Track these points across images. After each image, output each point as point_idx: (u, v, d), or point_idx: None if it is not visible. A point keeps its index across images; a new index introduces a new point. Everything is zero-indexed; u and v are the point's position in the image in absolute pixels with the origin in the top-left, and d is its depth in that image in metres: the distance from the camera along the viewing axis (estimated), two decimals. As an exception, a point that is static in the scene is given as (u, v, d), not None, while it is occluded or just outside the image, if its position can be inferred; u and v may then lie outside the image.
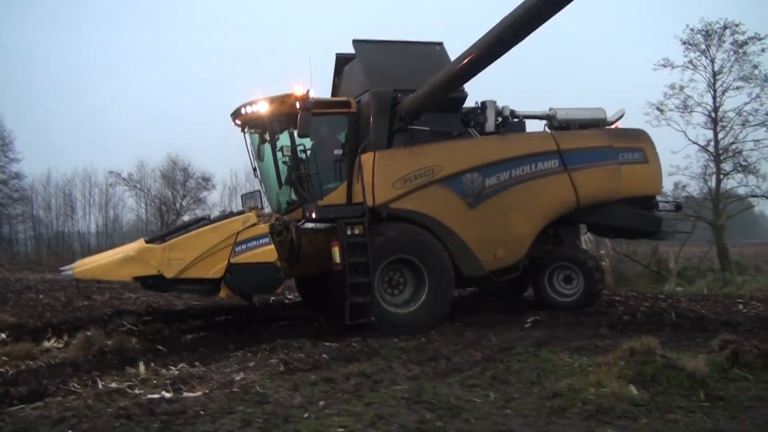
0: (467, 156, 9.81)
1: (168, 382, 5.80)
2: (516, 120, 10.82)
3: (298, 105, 8.83)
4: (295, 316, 10.74)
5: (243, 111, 9.68)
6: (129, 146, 72.68)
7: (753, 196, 20.26)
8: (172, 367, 6.58)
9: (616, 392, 4.93)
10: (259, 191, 10.42)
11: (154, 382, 5.87)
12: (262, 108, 9.37)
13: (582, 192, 10.37)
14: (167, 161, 36.65)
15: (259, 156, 10.35)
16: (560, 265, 10.51)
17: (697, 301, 11.88)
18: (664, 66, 20.60)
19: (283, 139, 9.80)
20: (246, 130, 10.30)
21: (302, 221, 9.62)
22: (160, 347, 7.71)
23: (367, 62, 10.10)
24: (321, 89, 10.89)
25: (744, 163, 19.65)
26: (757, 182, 20.36)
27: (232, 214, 8.59)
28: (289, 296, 13.54)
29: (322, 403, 5.10)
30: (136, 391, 5.51)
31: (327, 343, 7.60)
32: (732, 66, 20.16)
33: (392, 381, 5.84)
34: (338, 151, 9.74)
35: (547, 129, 11.07)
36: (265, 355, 7.08)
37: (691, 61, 20.43)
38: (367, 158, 9.38)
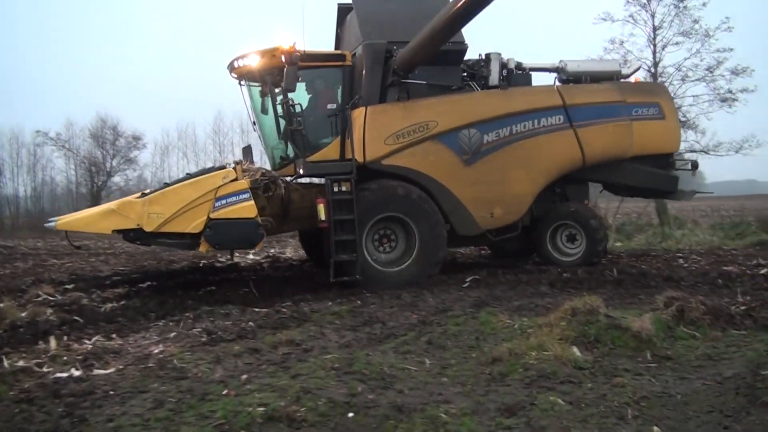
0: (464, 111, 9.57)
1: (80, 358, 5.36)
2: (522, 73, 10.53)
3: (283, 58, 8.81)
4: (225, 281, 10.19)
5: (235, 64, 9.69)
6: (56, 105, 71.67)
7: (692, 151, 19.76)
8: (87, 341, 6.07)
9: (558, 355, 4.72)
10: (250, 146, 10.49)
11: (65, 358, 5.39)
12: (253, 62, 9.33)
13: (588, 149, 10.04)
14: (96, 120, 35.91)
15: (263, 109, 10.41)
16: (563, 223, 10.23)
17: (637, 257, 11.86)
18: (604, 20, 20.39)
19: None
20: (243, 82, 10.31)
21: (293, 177, 9.70)
22: (76, 318, 7.15)
23: (362, 13, 9.86)
24: (323, 41, 10.82)
25: (683, 119, 19.16)
26: (696, 137, 20.43)
27: (213, 169, 8.70)
28: (221, 259, 13.11)
29: (244, 377, 4.73)
30: (44, 369, 5.06)
31: (256, 309, 7.20)
32: (672, 20, 19.92)
33: (323, 349, 5.47)
34: (332, 106, 9.66)
35: (557, 82, 10.79)
36: (188, 324, 6.61)
37: (631, 15, 20.16)
38: (358, 113, 9.25)
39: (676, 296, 5.60)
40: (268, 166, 10.31)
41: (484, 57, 10.24)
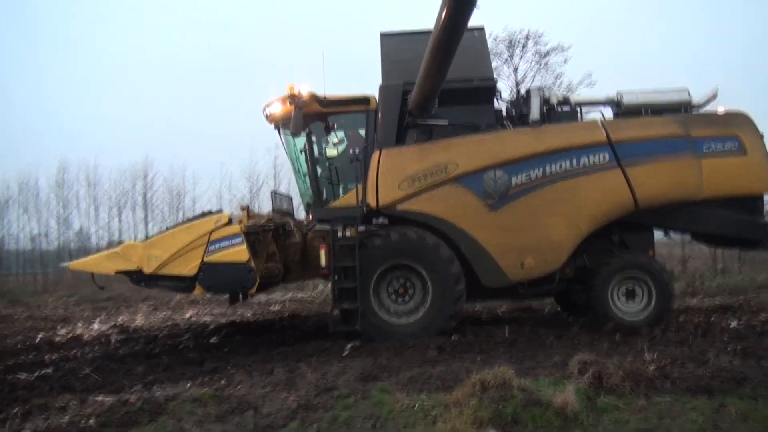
0: (488, 151, 9.01)
1: None
2: (569, 109, 9.90)
3: (289, 104, 9.04)
4: (63, 360, 8.73)
5: (266, 112, 10.09)
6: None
7: None
8: None
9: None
10: (274, 191, 10.73)
11: None
12: (276, 108, 9.70)
13: (641, 191, 8.99)
14: None
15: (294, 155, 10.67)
16: (628, 276, 9.14)
17: (523, 310, 10.93)
18: None
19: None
20: (281, 128, 10.72)
21: (310, 224, 9.78)
22: None
23: (385, 52, 9.79)
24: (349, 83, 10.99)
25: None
26: None
27: (210, 213, 9.05)
28: (61, 332, 11.47)
29: None
30: None
31: (99, 398, 6.03)
32: (535, 75, 19.95)
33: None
34: (354, 150, 9.70)
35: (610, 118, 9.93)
36: (14, 425, 5.53)
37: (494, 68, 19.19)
38: (373, 157, 9.20)
39: (588, 360, 4.80)
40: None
41: (524, 94, 9.82)
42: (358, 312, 8.51)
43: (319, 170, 9.66)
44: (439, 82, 8.32)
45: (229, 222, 8.51)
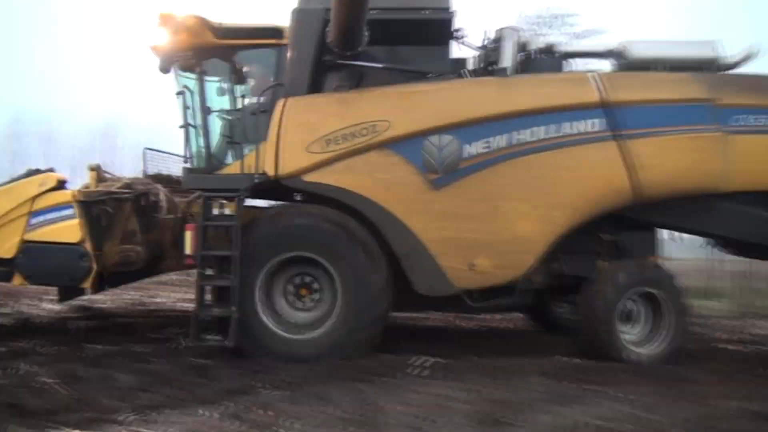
0: (433, 108, 6.50)
1: None
2: (552, 58, 7.39)
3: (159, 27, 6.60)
4: None
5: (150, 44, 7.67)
6: None
7: None
8: None
9: None
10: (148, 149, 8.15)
11: None
12: (159, 39, 7.28)
13: (643, 175, 6.46)
14: None
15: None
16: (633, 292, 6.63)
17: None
18: None
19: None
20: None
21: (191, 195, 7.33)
22: None
23: None
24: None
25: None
26: None
27: (38, 172, 6.67)
28: None
29: None
30: None
31: None
32: None
33: None
34: (257, 99, 7.26)
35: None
36: None
37: None
38: (276, 108, 6.69)
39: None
40: None
41: (494, 36, 7.37)
42: (233, 321, 6.03)
43: (212, 125, 7.27)
44: (358, 8, 5.88)
45: (60, 186, 6.16)
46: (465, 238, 6.46)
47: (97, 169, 6.70)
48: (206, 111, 7.17)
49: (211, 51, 7.14)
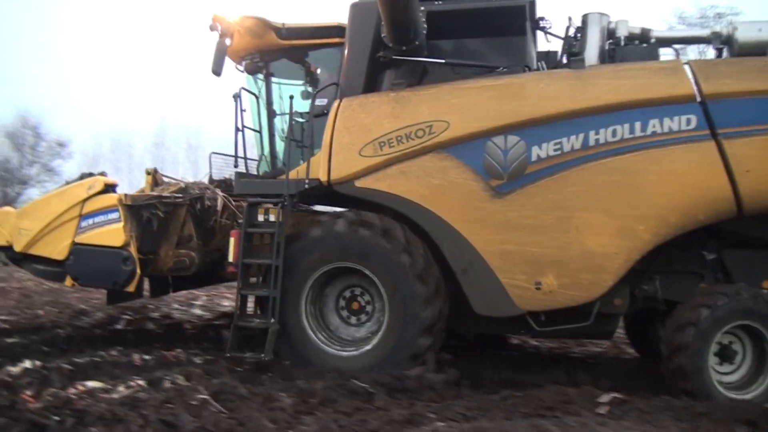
0: (497, 106, 5.82)
1: None
2: (645, 45, 6.41)
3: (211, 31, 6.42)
4: None
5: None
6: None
7: None
8: None
9: None
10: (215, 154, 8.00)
11: None
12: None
13: (749, 180, 5.43)
14: (15, 117, 31.25)
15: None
16: (736, 325, 5.52)
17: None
18: None
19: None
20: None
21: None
22: None
23: None
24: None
25: None
26: None
27: (90, 176, 6.61)
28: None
29: None
30: None
31: None
32: None
33: None
34: (322, 101, 6.91)
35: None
36: None
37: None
38: (331, 110, 6.36)
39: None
40: None
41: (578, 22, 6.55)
42: (271, 334, 5.75)
43: (279, 128, 7.06)
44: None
45: (108, 190, 6.18)
46: (531, 253, 5.72)
47: (153, 173, 6.73)
48: (272, 114, 7.02)
49: (276, 52, 6.97)
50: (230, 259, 5.99)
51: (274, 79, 7.18)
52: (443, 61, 6.21)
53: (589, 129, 5.64)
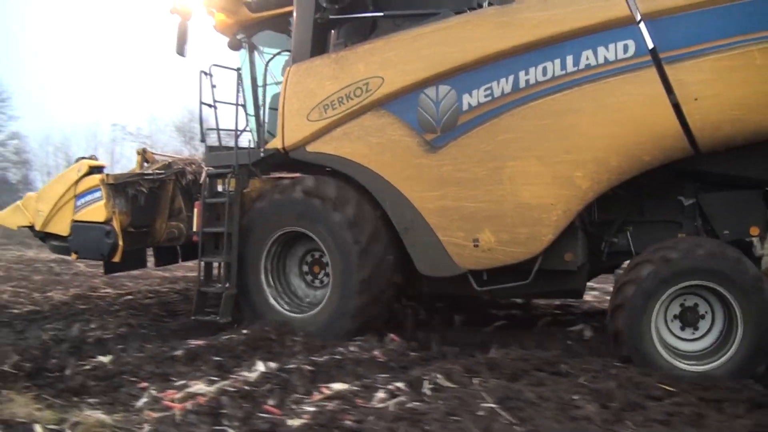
0: (426, 55, 5.56)
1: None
2: None
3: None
4: None
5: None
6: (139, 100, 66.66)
7: None
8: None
9: None
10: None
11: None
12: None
13: (701, 110, 4.73)
14: (184, 114, 34.09)
15: None
16: (689, 286, 4.84)
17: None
18: None
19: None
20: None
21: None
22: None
23: None
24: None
25: None
26: None
27: (83, 159, 7.32)
28: None
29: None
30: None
31: None
32: None
33: None
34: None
35: None
36: None
37: None
38: (284, 77, 6.53)
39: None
40: None
41: None
42: (226, 298, 6.14)
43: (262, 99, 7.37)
44: None
45: (93, 171, 6.96)
46: (467, 208, 5.48)
47: (142, 153, 7.45)
48: (255, 87, 7.37)
49: (255, 26, 7.28)
50: (194, 228, 6.54)
51: (267, 51, 7.53)
52: (379, 14, 6.08)
53: (519, 69, 5.22)
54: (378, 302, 5.91)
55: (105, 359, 5.31)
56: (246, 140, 7.56)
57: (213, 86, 6.99)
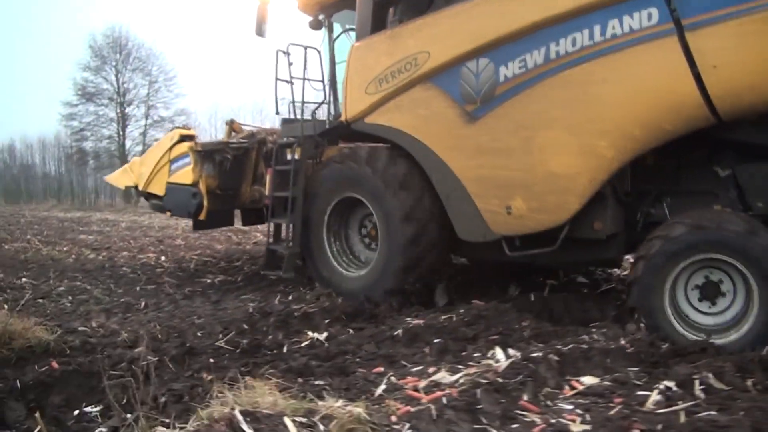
0: (468, 29, 5.84)
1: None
2: None
3: None
4: None
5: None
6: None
7: None
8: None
9: None
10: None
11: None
12: None
13: (720, 77, 4.63)
14: None
15: None
16: (704, 258, 4.81)
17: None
18: None
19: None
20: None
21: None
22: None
23: None
24: None
25: None
26: None
27: (178, 128, 8.29)
28: None
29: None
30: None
31: None
32: None
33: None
34: None
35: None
36: None
37: None
38: (348, 54, 7.01)
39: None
40: None
41: None
42: (289, 257, 6.90)
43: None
44: None
45: (186, 139, 7.94)
46: (501, 177, 5.77)
47: (230, 123, 8.38)
48: (333, 62, 7.99)
49: (335, 5, 7.87)
50: (266, 192, 7.35)
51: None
52: None
53: (550, 41, 5.38)
54: (419, 265, 6.38)
55: (319, 336, 5.23)
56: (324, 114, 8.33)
57: (290, 63, 7.73)
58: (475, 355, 4.52)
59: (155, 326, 5.71)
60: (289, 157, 7.21)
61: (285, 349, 4.92)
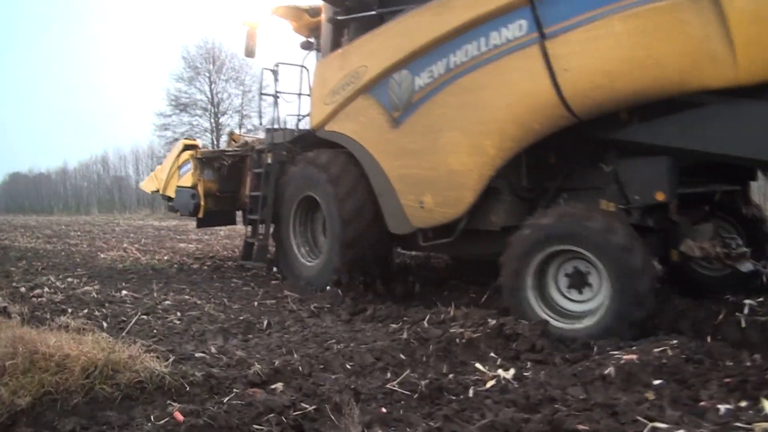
0: (393, 44, 6.56)
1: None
2: None
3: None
4: None
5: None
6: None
7: None
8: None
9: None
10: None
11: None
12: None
13: (571, 79, 5.09)
14: None
15: None
16: (561, 250, 5.32)
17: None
18: None
19: None
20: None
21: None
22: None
23: None
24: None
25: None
26: None
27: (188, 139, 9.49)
28: None
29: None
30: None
31: None
32: None
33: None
34: None
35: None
36: None
37: None
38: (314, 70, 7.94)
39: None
40: None
41: None
42: (258, 247, 7.97)
43: None
44: None
45: (189, 148, 9.13)
46: (416, 175, 6.47)
47: (230, 134, 9.52)
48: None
49: (318, 29, 8.84)
50: (246, 192, 8.40)
51: None
52: (372, 12, 7.20)
53: (449, 52, 6.04)
54: (361, 260, 7.17)
55: (505, 374, 4.25)
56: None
57: (276, 80, 8.78)
58: (722, 408, 3.41)
59: (288, 353, 4.82)
60: (269, 161, 8.24)
61: (470, 393, 3.95)
